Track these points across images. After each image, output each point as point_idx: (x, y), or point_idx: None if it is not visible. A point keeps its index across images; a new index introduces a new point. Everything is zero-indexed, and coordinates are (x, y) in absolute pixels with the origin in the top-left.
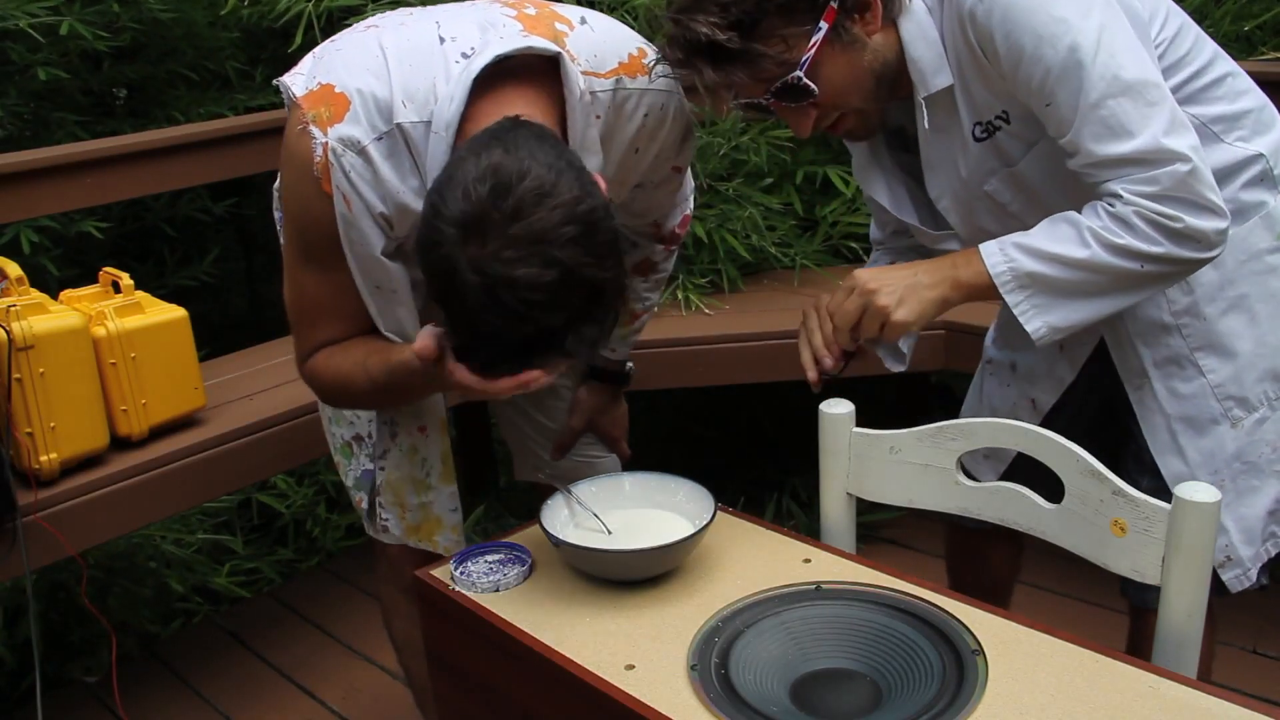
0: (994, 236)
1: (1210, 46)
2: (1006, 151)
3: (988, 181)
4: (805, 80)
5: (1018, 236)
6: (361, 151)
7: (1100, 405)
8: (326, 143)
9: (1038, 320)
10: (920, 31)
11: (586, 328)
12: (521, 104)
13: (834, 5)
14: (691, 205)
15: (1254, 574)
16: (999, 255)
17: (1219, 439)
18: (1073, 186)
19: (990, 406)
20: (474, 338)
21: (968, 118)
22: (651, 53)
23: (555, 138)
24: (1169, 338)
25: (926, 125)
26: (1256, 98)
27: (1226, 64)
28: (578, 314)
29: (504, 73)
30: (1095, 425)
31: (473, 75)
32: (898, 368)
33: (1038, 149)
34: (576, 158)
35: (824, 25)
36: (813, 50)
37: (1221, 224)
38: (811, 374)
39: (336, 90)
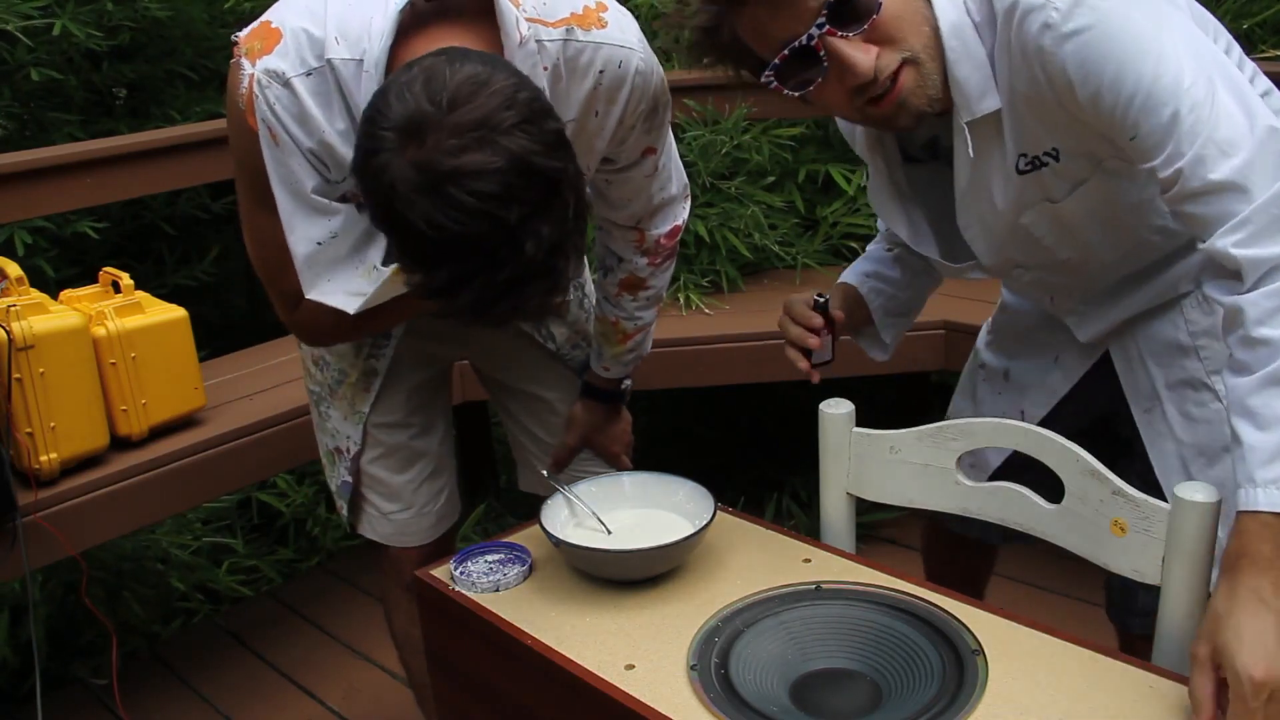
0: (1020, 266)
1: (1246, 60)
2: (1050, 187)
3: (1024, 214)
4: None
5: (1261, 468)
6: (286, 84)
7: (1095, 422)
8: (253, 74)
9: None
10: (966, 50)
11: (545, 227)
12: (454, 43)
13: None
14: (684, 217)
15: None
16: (1273, 494)
17: (1229, 467)
18: (1112, 224)
19: (981, 413)
20: (428, 262)
21: (1012, 148)
22: (612, 8)
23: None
24: (1185, 359)
25: (971, 153)
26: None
27: (1261, 76)
28: (534, 209)
29: (441, 12)
30: (1087, 441)
31: (399, 7)
32: (881, 357)
33: (1084, 189)
34: (512, 66)
35: None
36: None
37: None
38: (803, 364)
39: (272, 25)
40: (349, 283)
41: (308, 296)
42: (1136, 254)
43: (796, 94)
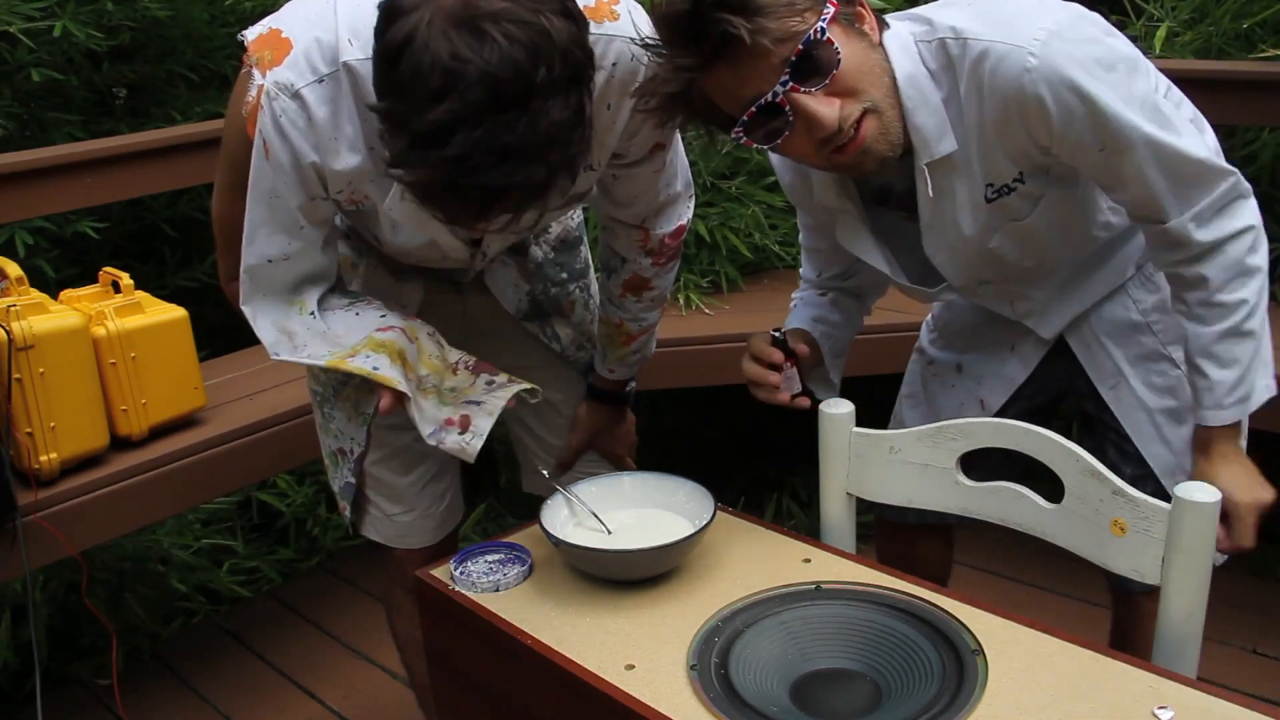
0: (986, 282)
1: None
2: (1015, 209)
3: (993, 238)
4: (829, 36)
5: (1226, 396)
6: (296, 95)
7: (1051, 401)
8: (262, 85)
9: (1267, 378)
10: (922, 98)
11: (560, 112)
12: None
13: None
14: (688, 216)
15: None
16: (1233, 412)
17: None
18: (1067, 227)
19: (936, 407)
20: (432, 97)
21: (980, 180)
22: (624, 0)
23: None
24: (1141, 335)
25: (930, 192)
26: (1201, 119)
27: (1173, 88)
28: (557, 84)
29: None
30: (1043, 420)
31: None
32: (831, 394)
33: (1044, 202)
34: None
35: (830, 7)
36: (827, 17)
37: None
38: (783, 397)
39: (283, 35)
40: (277, 311)
41: (242, 306)
42: (1085, 249)
43: (765, 146)
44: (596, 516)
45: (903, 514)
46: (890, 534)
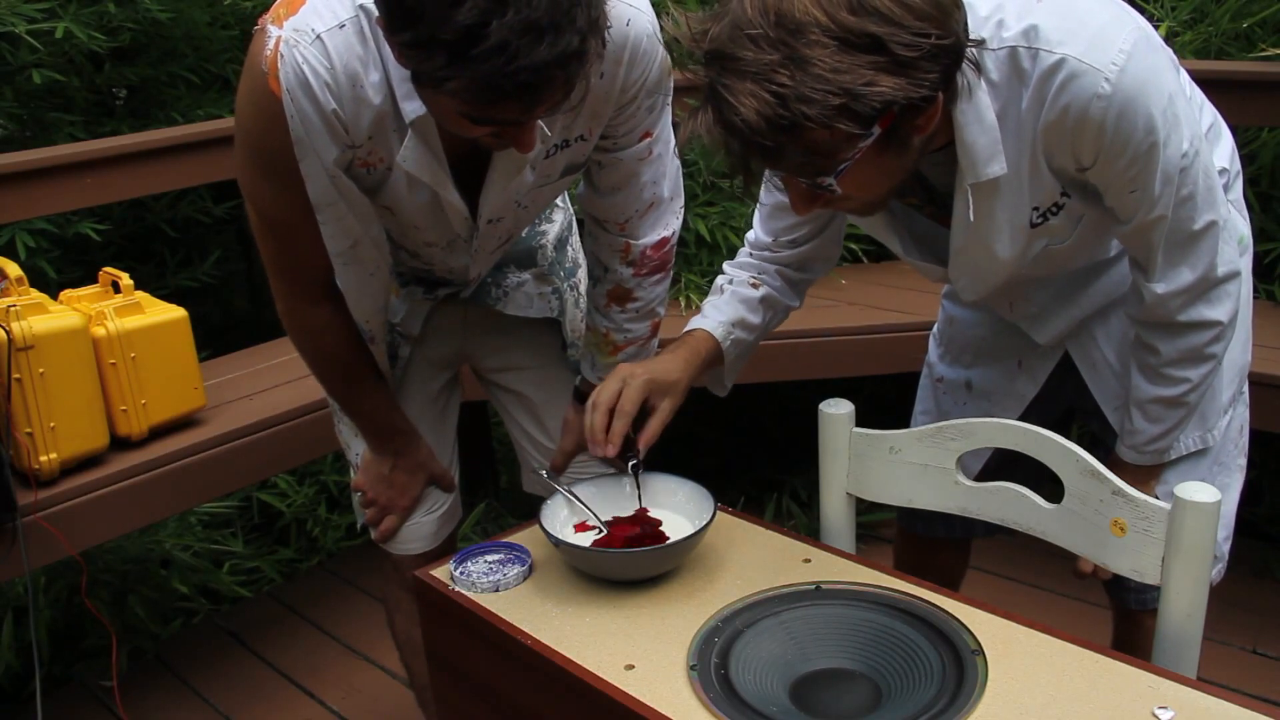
0: (1002, 294)
1: (1190, 83)
2: (1059, 231)
3: (1027, 263)
4: (834, 184)
5: (1145, 444)
6: (318, 39)
7: (1063, 415)
8: (280, 36)
9: (1195, 433)
10: (977, 114)
11: (584, 17)
12: None
13: (895, 110)
14: (673, 228)
15: (1225, 566)
16: (1147, 458)
17: (1196, 454)
18: (1091, 244)
19: None
20: (453, 8)
21: (1027, 203)
22: None
23: None
24: None
25: (971, 216)
26: (1211, 110)
27: (1189, 82)
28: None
29: None
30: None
31: None
32: (721, 394)
33: (1084, 222)
34: None
35: (877, 130)
36: (855, 156)
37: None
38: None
39: None
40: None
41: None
42: (1095, 259)
43: None
44: (596, 517)
45: (930, 526)
46: (908, 544)
